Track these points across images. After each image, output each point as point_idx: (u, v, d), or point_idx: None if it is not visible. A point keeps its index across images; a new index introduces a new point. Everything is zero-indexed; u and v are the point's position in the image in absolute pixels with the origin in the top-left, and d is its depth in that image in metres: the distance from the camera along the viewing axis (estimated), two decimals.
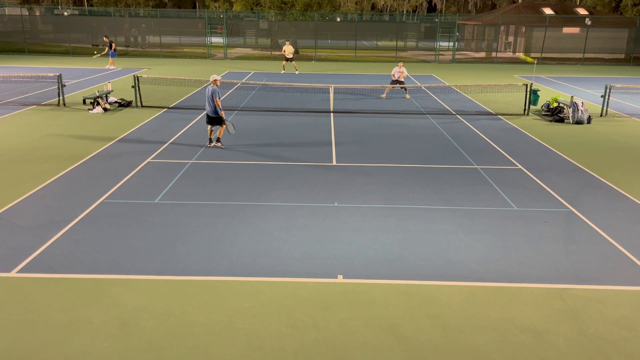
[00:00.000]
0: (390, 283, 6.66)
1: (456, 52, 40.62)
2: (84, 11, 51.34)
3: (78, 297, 6.19)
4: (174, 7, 70.26)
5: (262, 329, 5.67)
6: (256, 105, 18.48)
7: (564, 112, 17.02)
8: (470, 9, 76.69)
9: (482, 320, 5.89)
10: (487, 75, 29.23)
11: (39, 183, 9.97)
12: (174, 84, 21.49)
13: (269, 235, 7.95)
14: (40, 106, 17.65)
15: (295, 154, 12.39)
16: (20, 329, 5.57)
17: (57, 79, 18.08)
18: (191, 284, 6.55)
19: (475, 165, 11.73)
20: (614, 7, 50.97)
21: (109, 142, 13.08)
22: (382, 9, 78.11)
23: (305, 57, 38.14)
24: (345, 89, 21.02)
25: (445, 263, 7.20)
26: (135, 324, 5.70)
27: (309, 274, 6.82)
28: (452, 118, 17.05)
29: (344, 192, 9.83)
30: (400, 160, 12.06)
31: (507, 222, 8.59)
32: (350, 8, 64.42)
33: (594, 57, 38.80)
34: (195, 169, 11.06)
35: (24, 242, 7.54)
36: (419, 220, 8.61)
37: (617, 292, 6.55)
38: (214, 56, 37.74)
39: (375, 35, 46.18)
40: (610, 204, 9.57)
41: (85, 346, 5.31)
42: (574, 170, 11.55)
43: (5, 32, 40.77)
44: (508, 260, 7.33)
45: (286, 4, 40.17)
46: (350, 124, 15.73)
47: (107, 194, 9.50)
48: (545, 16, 40.19)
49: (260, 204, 9.16)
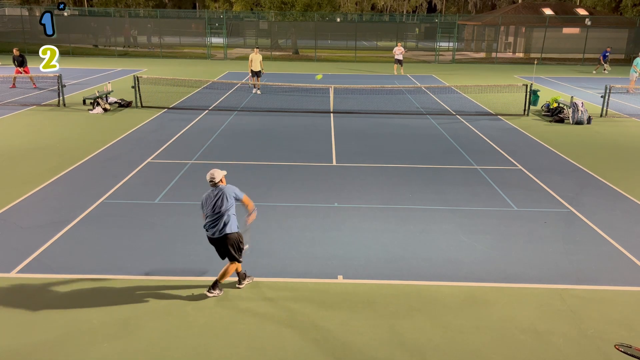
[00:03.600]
0: (390, 283, 6.66)
1: (456, 52, 40.61)
2: (84, 11, 51.33)
3: (78, 297, 6.19)
4: (174, 7, 70.26)
5: (262, 329, 5.67)
6: (256, 106, 18.48)
7: (564, 112, 17.01)
8: (470, 9, 76.67)
9: (482, 320, 5.89)
10: (487, 76, 29.22)
11: (39, 183, 9.97)
12: (174, 84, 21.48)
13: (269, 235, 7.95)
14: (40, 106, 17.65)
15: (295, 154, 12.39)
16: (20, 329, 5.57)
17: (57, 79, 18.08)
18: (191, 284, 6.55)
19: (475, 166, 11.72)
20: (614, 7, 50.96)
21: (109, 143, 13.07)
22: (382, 9, 78.10)
23: (305, 58, 38.15)
24: (345, 89, 21.02)
25: (445, 263, 7.20)
26: (135, 324, 5.70)
27: (309, 274, 6.82)
28: (452, 118, 17.04)
29: (344, 192, 9.83)
30: (400, 160, 12.06)
31: (507, 223, 8.58)
32: (350, 8, 64.46)
33: (594, 57, 38.79)
34: (195, 169, 11.05)
35: (24, 242, 7.53)
36: (419, 221, 8.61)
37: (617, 292, 6.55)
38: (214, 56, 37.74)
39: (375, 35, 46.20)
40: (610, 204, 9.57)
41: (85, 346, 5.31)
42: (574, 171, 11.55)
43: (5, 32, 40.76)
44: (508, 260, 7.33)
45: (286, 4, 40.16)
46: (350, 124, 15.72)
47: (107, 194, 9.50)
48: (545, 16, 40.19)
49: (260, 204, 9.15)
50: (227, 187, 6.26)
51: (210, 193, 6.26)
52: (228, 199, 6.17)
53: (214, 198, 6.19)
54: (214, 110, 17.54)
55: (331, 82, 20.91)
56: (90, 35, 43.18)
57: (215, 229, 6.17)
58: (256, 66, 20.92)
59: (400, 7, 78.74)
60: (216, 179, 6.22)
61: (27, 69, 21.18)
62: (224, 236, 6.17)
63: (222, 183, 6.28)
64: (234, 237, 6.21)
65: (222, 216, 6.14)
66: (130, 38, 43.26)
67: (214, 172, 6.25)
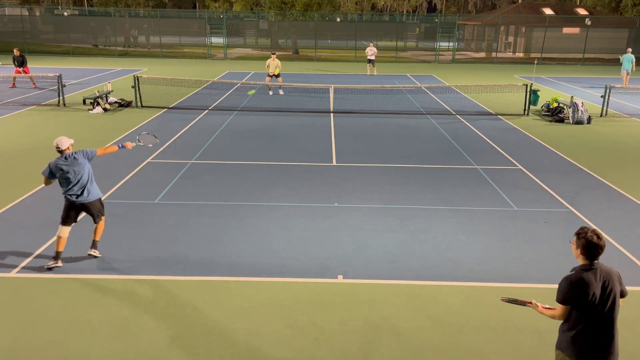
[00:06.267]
0: (390, 283, 6.66)
1: (456, 52, 40.61)
2: (84, 11, 51.36)
3: (78, 297, 6.19)
4: (174, 7, 70.26)
5: (262, 329, 5.67)
6: (256, 106, 18.48)
7: (564, 112, 17.01)
8: (470, 9, 76.69)
9: (482, 320, 5.89)
10: (487, 76, 29.23)
11: (39, 183, 9.96)
12: (174, 84, 21.48)
13: (269, 235, 7.95)
14: (40, 106, 17.65)
15: (295, 154, 12.39)
16: (20, 329, 5.57)
17: (57, 79, 18.08)
18: (191, 284, 6.55)
19: (475, 166, 11.72)
20: (614, 7, 50.96)
21: (108, 143, 13.07)
22: (382, 9, 78.12)
23: (305, 57, 38.15)
24: (345, 89, 21.02)
25: (445, 263, 7.20)
26: (135, 324, 5.70)
27: (309, 274, 6.82)
28: (452, 118, 17.04)
29: (344, 192, 9.83)
30: (401, 160, 12.06)
31: (507, 222, 8.58)
32: (350, 8, 64.46)
33: (594, 57, 38.79)
34: (195, 169, 11.06)
35: (24, 242, 7.54)
36: (419, 220, 8.61)
37: None
38: (214, 56, 37.75)
39: (375, 35, 46.22)
40: (610, 204, 9.57)
41: (85, 346, 5.31)
42: (574, 170, 11.55)
43: (5, 32, 40.76)
44: (508, 260, 7.33)
45: (286, 4, 40.17)
46: (350, 124, 15.72)
47: (107, 194, 9.50)
48: (545, 16, 40.19)
49: (260, 204, 9.16)
50: (78, 153, 6.76)
51: (63, 162, 6.64)
52: (85, 163, 6.75)
53: (72, 166, 6.65)
54: (214, 110, 17.54)
55: (331, 82, 20.91)
56: (90, 35, 43.20)
57: (86, 194, 6.77)
58: (272, 71, 20.73)
59: (400, 7, 78.75)
60: (62, 147, 6.67)
61: (27, 69, 21.19)
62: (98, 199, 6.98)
63: (68, 151, 6.76)
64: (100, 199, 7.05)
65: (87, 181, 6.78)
66: (131, 38, 43.27)
67: (60, 140, 6.72)
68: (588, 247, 3.79)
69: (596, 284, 3.80)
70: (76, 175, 6.68)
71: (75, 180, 6.68)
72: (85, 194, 6.78)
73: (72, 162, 6.69)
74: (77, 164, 6.69)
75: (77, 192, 6.73)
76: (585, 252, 3.82)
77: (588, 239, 3.77)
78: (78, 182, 6.70)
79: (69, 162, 6.68)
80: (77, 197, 6.74)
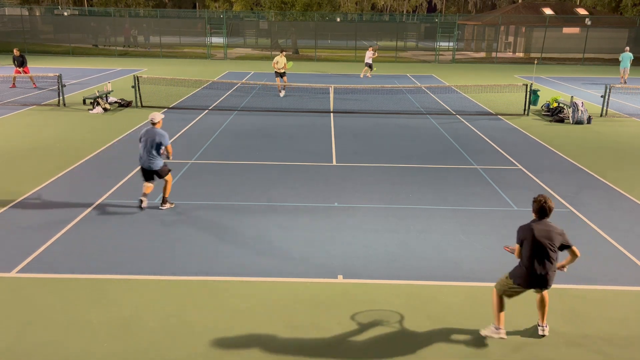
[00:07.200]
0: (390, 283, 6.66)
1: (456, 52, 40.61)
2: (84, 11, 51.38)
3: (78, 297, 6.19)
4: (174, 7, 70.27)
5: (262, 329, 5.67)
6: (256, 106, 18.48)
7: (564, 112, 17.02)
8: (470, 9, 76.72)
9: (482, 320, 5.88)
10: (487, 75, 29.23)
11: (39, 183, 9.97)
12: (174, 84, 21.49)
13: (269, 235, 7.95)
14: (40, 106, 17.65)
15: (295, 154, 12.39)
16: (20, 329, 5.57)
17: (57, 79, 18.08)
18: (191, 284, 6.55)
19: (475, 166, 11.72)
20: (614, 7, 50.97)
21: (109, 142, 13.08)
22: (382, 9, 78.14)
23: (305, 58, 38.15)
24: (345, 89, 21.02)
25: (445, 263, 7.20)
26: (135, 324, 5.70)
27: (309, 274, 6.82)
28: (452, 118, 17.04)
29: (344, 192, 9.83)
30: (401, 160, 12.06)
31: (507, 222, 8.58)
32: (350, 8, 64.50)
33: (594, 57, 38.80)
34: (195, 169, 11.06)
35: (24, 242, 7.54)
36: (419, 220, 8.61)
37: (617, 292, 6.55)
38: (214, 56, 37.75)
39: (375, 35, 46.25)
40: (610, 204, 9.57)
41: (85, 346, 5.31)
42: (574, 170, 11.55)
43: (5, 32, 40.78)
44: (508, 260, 7.31)
45: (286, 4, 40.18)
46: (350, 124, 15.73)
47: (107, 194, 9.50)
48: (545, 16, 40.19)
49: (260, 204, 9.16)
50: (160, 132, 8.77)
51: (150, 131, 8.70)
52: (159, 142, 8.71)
53: (153, 138, 8.67)
54: (214, 110, 17.55)
55: (331, 82, 20.91)
56: (90, 35, 43.20)
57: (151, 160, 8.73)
58: (282, 67, 20.30)
59: (400, 7, 78.78)
60: (155, 120, 8.69)
61: (27, 69, 21.19)
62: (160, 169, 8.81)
63: (158, 126, 8.79)
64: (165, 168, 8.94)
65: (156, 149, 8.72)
66: (131, 38, 43.27)
67: (156, 115, 8.75)
68: (539, 209, 5.28)
69: (537, 231, 5.20)
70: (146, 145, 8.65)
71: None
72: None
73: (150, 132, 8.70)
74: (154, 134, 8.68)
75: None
76: (536, 212, 5.30)
77: (539, 202, 5.26)
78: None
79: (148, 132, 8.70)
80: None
